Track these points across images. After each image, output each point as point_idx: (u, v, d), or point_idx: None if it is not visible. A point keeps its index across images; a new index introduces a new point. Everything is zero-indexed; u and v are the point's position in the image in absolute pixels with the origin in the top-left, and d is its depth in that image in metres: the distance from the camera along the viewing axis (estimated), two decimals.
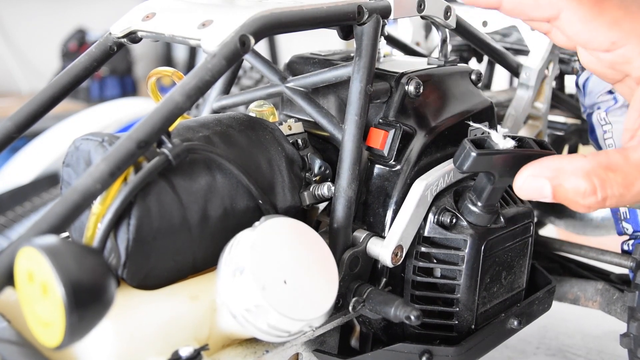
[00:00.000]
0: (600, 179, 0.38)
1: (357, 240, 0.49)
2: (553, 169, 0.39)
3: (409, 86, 0.51)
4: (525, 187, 0.41)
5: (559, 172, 0.39)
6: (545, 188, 0.39)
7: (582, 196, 0.38)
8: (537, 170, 0.40)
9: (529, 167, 0.41)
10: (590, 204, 0.38)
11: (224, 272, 0.40)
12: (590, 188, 0.38)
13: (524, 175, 0.41)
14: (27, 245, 0.33)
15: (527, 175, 0.40)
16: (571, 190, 0.39)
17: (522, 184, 0.41)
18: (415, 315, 0.44)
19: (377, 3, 0.49)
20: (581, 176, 0.38)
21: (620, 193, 0.38)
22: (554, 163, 0.39)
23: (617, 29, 0.38)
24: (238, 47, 0.42)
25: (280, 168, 0.48)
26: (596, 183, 0.38)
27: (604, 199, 0.38)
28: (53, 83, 0.51)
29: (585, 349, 0.79)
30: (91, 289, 0.33)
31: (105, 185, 0.37)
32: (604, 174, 0.38)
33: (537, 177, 0.40)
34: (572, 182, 0.38)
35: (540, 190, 0.40)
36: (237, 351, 0.44)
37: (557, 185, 0.39)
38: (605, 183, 0.38)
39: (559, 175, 0.39)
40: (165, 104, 0.40)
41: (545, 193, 0.39)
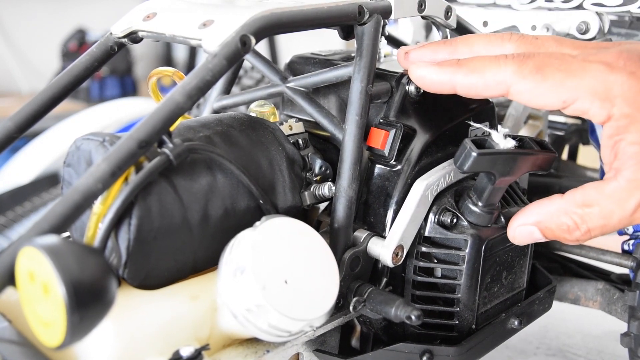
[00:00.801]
0: (578, 215, 0.42)
1: (358, 240, 0.49)
2: (537, 214, 0.45)
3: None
4: (518, 236, 0.46)
5: (542, 216, 0.44)
6: (534, 233, 0.45)
7: (568, 232, 0.43)
8: (522, 220, 0.46)
9: (516, 218, 0.46)
10: (577, 237, 0.43)
11: (224, 272, 0.40)
12: (572, 224, 0.43)
13: (514, 226, 0.46)
14: (28, 245, 0.33)
15: (516, 226, 0.46)
16: (557, 229, 0.44)
17: (514, 234, 0.47)
18: (415, 315, 0.44)
19: (378, 3, 0.49)
20: (562, 215, 0.43)
21: (601, 224, 0.42)
22: (537, 209, 0.45)
23: (563, 89, 0.41)
24: (239, 47, 0.42)
25: (281, 168, 0.48)
26: (576, 219, 0.42)
27: (588, 231, 0.43)
28: (54, 83, 0.51)
29: (586, 348, 0.79)
30: (92, 289, 0.33)
31: (106, 185, 0.37)
32: (581, 210, 0.42)
33: (525, 226, 0.45)
34: (555, 222, 0.43)
35: (531, 235, 0.45)
36: (237, 351, 0.44)
37: (544, 228, 0.44)
38: (584, 218, 0.42)
39: (543, 219, 0.44)
40: (166, 104, 0.40)
41: (536, 236, 0.45)
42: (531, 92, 0.42)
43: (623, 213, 0.41)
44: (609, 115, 0.40)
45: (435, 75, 0.45)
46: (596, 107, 0.40)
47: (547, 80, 0.41)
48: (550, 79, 0.41)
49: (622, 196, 0.41)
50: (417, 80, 0.47)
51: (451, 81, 0.45)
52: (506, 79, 0.42)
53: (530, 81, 0.41)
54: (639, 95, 0.40)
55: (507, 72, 0.42)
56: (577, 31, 0.67)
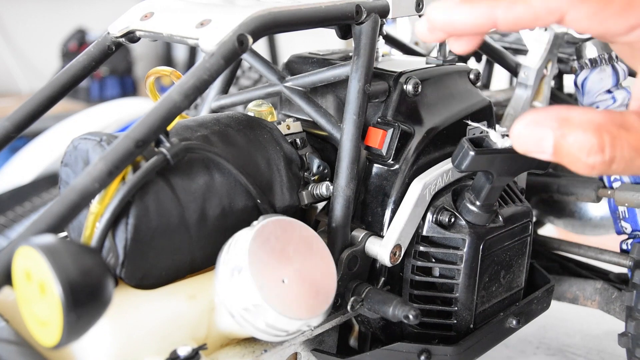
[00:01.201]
0: (611, 135, 0.33)
1: (356, 240, 0.49)
2: (560, 118, 0.34)
3: (408, 85, 0.51)
4: (524, 135, 0.35)
5: (566, 122, 0.34)
6: (546, 139, 0.34)
7: (588, 153, 0.33)
8: (541, 117, 0.34)
9: (531, 113, 0.35)
10: (594, 163, 0.34)
11: (222, 272, 0.40)
12: (598, 144, 0.33)
13: (526, 120, 0.35)
14: (24, 245, 0.33)
15: (529, 121, 0.34)
16: (576, 144, 0.33)
17: (521, 131, 0.35)
18: (413, 314, 0.44)
19: (376, 2, 0.49)
20: (591, 129, 0.33)
21: (630, 156, 0.34)
22: (562, 112, 0.34)
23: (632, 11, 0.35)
24: (236, 47, 0.42)
25: (279, 167, 0.48)
26: (606, 140, 0.33)
27: (611, 160, 0.34)
28: (51, 83, 0.51)
29: (585, 348, 0.79)
30: (89, 288, 0.33)
31: (104, 184, 0.37)
32: (617, 131, 0.34)
33: (539, 125, 0.34)
34: (579, 135, 0.33)
35: (540, 141, 0.34)
36: (235, 350, 0.44)
37: (561, 136, 0.34)
38: (616, 141, 0.33)
39: (566, 125, 0.34)
40: (164, 104, 0.40)
41: (546, 146, 0.34)
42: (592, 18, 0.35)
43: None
44: None
45: (466, 13, 0.36)
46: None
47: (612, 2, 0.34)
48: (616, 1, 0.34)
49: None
50: (443, 25, 0.37)
51: (490, 16, 0.36)
52: (561, 5, 0.35)
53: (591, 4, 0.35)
54: None
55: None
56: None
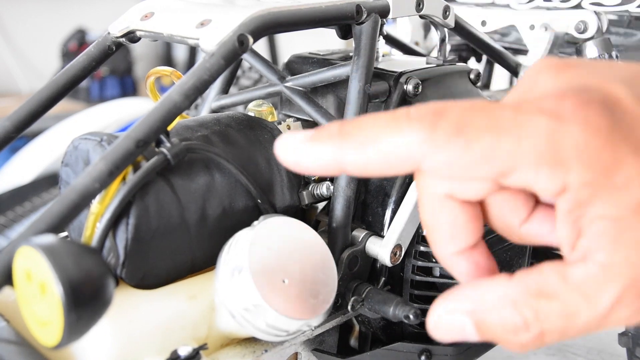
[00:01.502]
0: (532, 309, 0.29)
1: (356, 240, 0.49)
2: (471, 300, 0.30)
3: (408, 85, 0.51)
4: (441, 327, 0.30)
5: (479, 303, 0.30)
6: (466, 327, 0.30)
7: (513, 332, 0.29)
8: (452, 304, 0.30)
9: (442, 301, 0.31)
10: (525, 342, 0.29)
11: (222, 272, 0.40)
12: (520, 322, 0.29)
13: (438, 312, 0.30)
14: (25, 245, 0.33)
15: (442, 312, 0.30)
16: (498, 326, 0.29)
17: (436, 323, 0.31)
18: (414, 314, 0.44)
19: (376, 2, 0.49)
20: (507, 306, 0.29)
21: (561, 326, 0.29)
22: (472, 292, 0.30)
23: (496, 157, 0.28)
24: (236, 47, 0.42)
25: (279, 167, 0.48)
26: (527, 315, 0.29)
27: (541, 335, 0.29)
28: (51, 83, 0.51)
29: (585, 348, 0.79)
30: (89, 289, 0.33)
31: (104, 184, 0.37)
32: (536, 303, 0.29)
33: (453, 313, 0.30)
34: (498, 315, 0.29)
35: (461, 330, 0.30)
36: (235, 350, 0.44)
37: (480, 321, 0.30)
38: (538, 314, 0.29)
39: (480, 308, 0.30)
40: (164, 104, 0.40)
41: (468, 332, 0.30)
42: (452, 167, 0.28)
43: (593, 313, 0.28)
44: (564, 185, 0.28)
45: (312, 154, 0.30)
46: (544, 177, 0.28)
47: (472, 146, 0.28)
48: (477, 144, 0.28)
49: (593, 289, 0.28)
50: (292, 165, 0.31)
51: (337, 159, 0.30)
52: (413, 153, 0.28)
53: (448, 151, 0.28)
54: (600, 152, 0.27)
55: (413, 143, 0.28)
56: (575, 30, 0.67)
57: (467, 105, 0.29)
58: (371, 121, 0.30)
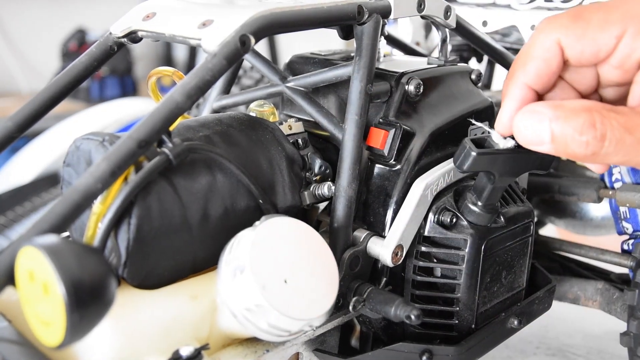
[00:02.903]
0: (600, 114, 0.38)
1: (358, 240, 0.49)
2: (554, 105, 0.38)
3: (409, 86, 0.51)
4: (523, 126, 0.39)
5: (559, 107, 0.38)
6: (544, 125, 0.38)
7: (581, 130, 0.38)
8: (537, 107, 0.39)
9: (529, 105, 0.40)
10: (588, 139, 0.38)
11: (224, 272, 0.40)
12: (589, 121, 0.37)
13: (524, 111, 0.39)
14: (28, 245, 0.33)
15: (526, 111, 0.39)
16: (570, 124, 0.38)
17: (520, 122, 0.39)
18: (415, 314, 0.44)
19: (377, 3, 0.49)
20: (582, 110, 0.38)
21: (620, 135, 0.38)
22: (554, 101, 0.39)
23: (610, 24, 0.39)
24: (238, 47, 0.42)
25: (281, 167, 0.48)
26: (596, 118, 0.38)
27: (602, 137, 0.37)
28: (53, 83, 0.51)
29: (586, 348, 0.79)
30: (92, 289, 0.33)
31: (106, 184, 0.37)
32: (606, 112, 0.38)
33: (536, 113, 0.39)
34: (572, 115, 0.38)
35: (538, 130, 0.39)
36: (237, 350, 0.44)
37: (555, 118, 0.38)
38: (605, 119, 0.38)
39: (560, 109, 0.38)
40: (166, 104, 0.40)
41: (544, 133, 0.38)
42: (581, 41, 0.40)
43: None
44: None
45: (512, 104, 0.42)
46: None
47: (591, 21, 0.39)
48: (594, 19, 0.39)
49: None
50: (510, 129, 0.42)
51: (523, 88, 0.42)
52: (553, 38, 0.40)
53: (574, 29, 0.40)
54: None
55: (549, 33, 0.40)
56: None
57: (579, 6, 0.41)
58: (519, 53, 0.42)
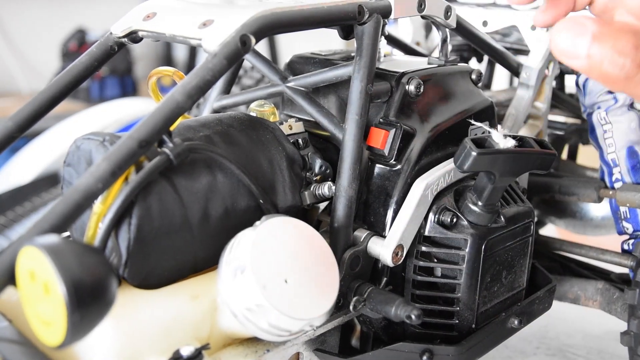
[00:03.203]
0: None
1: (358, 240, 0.49)
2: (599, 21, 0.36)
3: (410, 86, 0.51)
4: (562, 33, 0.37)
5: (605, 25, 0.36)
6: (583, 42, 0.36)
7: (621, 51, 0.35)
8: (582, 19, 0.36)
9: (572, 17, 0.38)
10: (625, 62, 0.35)
11: (224, 272, 0.40)
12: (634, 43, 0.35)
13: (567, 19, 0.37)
14: (28, 245, 0.33)
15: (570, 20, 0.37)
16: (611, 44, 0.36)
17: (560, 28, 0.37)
18: (415, 314, 0.44)
19: (378, 3, 0.49)
20: (628, 31, 0.36)
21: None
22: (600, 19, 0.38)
23: None
24: (239, 47, 0.42)
25: (281, 167, 0.48)
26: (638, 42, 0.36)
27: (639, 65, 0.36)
28: (54, 83, 0.51)
29: (586, 348, 0.79)
30: (92, 288, 0.33)
31: (107, 184, 0.37)
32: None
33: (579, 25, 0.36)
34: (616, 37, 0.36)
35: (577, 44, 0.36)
36: (238, 350, 0.44)
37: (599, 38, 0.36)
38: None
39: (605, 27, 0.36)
40: (166, 104, 0.40)
41: (581, 48, 0.36)
42: None
43: None
44: None
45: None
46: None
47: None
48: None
49: None
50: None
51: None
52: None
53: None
54: None
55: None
56: None
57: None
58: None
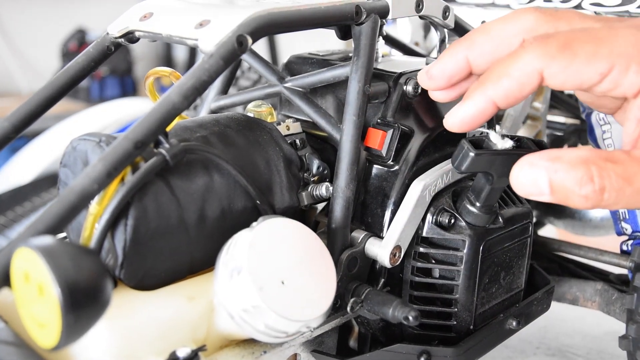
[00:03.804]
0: (598, 166, 0.37)
1: (356, 241, 0.49)
2: (551, 157, 0.38)
3: (408, 86, 0.51)
4: (521, 178, 0.39)
5: (556, 159, 0.38)
6: (542, 178, 0.38)
7: (579, 184, 0.37)
8: (534, 159, 0.38)
9: (525, 157, 0.39)
10: (587, 193, 0.37)
11: (221, 273, 0.40)
12: (587, 175, 0.37)
13: (521, 164, 0.39)
14: (23, 246, 0.33)
15: (524, 164, 0.39)
16: (568, 178, 0.37)
17: (518, 174, 0.39)
18: (413, 315, 0.43)
19: (375, 3, 0.49)
20: (579, 163, 0.37)
21: (619, 185, 0.37)
22: (552, 153, 0.38)
23: (597, 60, 0.38)
24: (235, 47, 0.42)
25: (278, 168, 0.48)
26: (594, 171, 0.37)
27: (601, 189, 0.37)
28: (50, 83, 0.50)
29: (585, 349, 0.79)
30: (88, 290, 0.33)
31: (103, 185, 0.37)
32: (603, 163, 0.37)
33: (534, 166, 0.38)
34: (569, 169, 0.37)
35: (536, 181, 0.38)
36: (234, 352, 0.44)
37: (554, 172, 0.38)
38: (603, 172, 0.37)
39: (557, 162, 0.38)
40: (163, 104, 0.40)
41: (542, 185, 0.38)
42: (565, 72, 0.39)
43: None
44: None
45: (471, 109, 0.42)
46: (633, 73, 0.38)
47: (578, 54, 0.38)
48: (581, 52, 0.38)
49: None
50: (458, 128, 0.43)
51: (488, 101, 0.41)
52: (535, 66, 0.39)
53: (561, 60, 0.38)
54: None
55: (533, 59, 0.39)
56: None
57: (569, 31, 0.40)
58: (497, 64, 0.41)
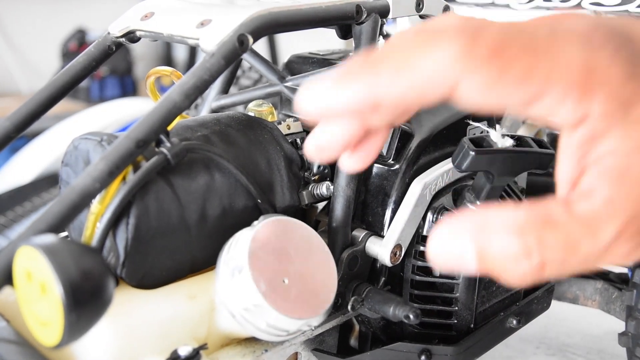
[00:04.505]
0: (536, 236, 0.28)
1: (356, 240, 0.49)
2: (477, 224, 0.28)
3: None
4: (442, 252, 0.29)
5: (484, 227, 0.28)
6: (467, 252, 0.28)
7: (514, 260, 0.28)
8: (456, 226, 0.29)
9: (446, 223, 0.29)
10: (524, 271, 0.28)
11: (222, 272, 0.40)
12: (523, 249, 0.28)
13: (441, 233, 0.29)
14: (25, 245, 0.33)
15: (445, 232, 0.29)
16: (500, 252, 0.28)
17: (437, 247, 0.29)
18: (414, 314, 0.44)
19: (376, 2, 0.49)
20: (513, 232, 0.28)
21: (562, 257, 0.28)
22: (478, 217, 0.28)
23: (531, 79, 0.27)
24: (236, 47, 0.42)
25: (279, 167, 0.48)
26: (531, 243, 0.28)
27: (541, 265, 0.28)
28: (51, 83, 0.51)
29: (585, 348, 0.79)
30: (89, 288, 0.33)
31: (104, 184, 0.37)
32: (542, 230, 0.28)
33: (456, 236, 0.28)
34: (501, 241, 0.28)
35: (461, 256, 0.28)
36: (236, 350, 0.44)
37: (482, 244, 0.28)
38: (542, 243, 0.28)
39: (485, 231, 0.28)
40: (164, 104, 0.40)
41: (468, 259, 0.28)
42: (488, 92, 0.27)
43: (594, 245, 0.28)
44: (585, 115, 0.27)
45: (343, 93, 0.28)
46: (570, 104, 0.27)
47: (510, 69, 0.27)
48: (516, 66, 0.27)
49: (596, 222, 0.28)
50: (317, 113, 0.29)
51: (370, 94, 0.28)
52: (453, 75, 0.27)
53: (485, 73, 0.27)
54: (625, 84, 0.27)
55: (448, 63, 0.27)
56: None
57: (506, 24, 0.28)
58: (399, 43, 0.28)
